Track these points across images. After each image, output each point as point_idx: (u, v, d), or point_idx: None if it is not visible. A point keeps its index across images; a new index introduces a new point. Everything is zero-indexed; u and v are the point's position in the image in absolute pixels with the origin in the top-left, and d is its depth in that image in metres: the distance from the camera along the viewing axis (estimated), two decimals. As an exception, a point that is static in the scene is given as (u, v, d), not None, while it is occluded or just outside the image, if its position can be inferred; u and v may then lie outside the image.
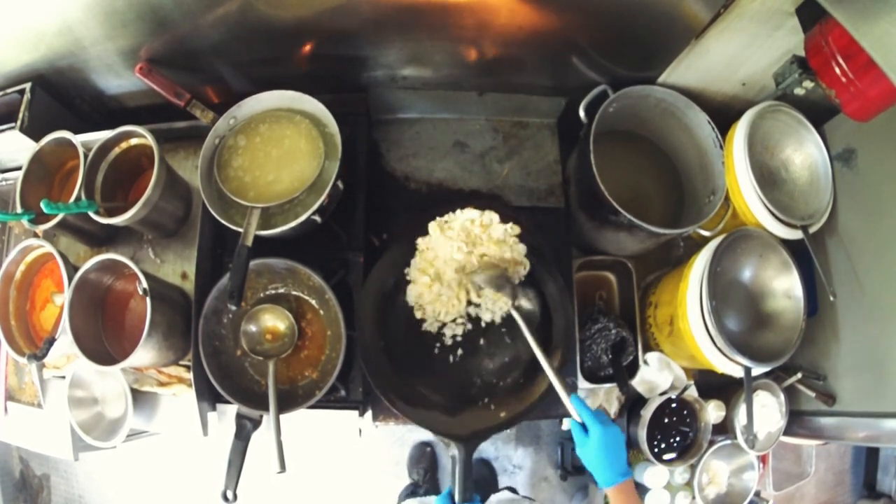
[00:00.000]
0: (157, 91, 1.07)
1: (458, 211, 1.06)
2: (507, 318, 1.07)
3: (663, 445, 1.26)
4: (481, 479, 2.00)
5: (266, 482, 1.97)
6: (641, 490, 1.30)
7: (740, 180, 1.13)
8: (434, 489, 1.96)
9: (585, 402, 0.90)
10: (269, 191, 1.02)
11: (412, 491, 1.92)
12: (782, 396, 1.24)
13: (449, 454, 0.94)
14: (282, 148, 1.05)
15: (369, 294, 1.05)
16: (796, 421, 1.27)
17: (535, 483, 2.08)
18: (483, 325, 1.08)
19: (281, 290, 1.11)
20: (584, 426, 0.88)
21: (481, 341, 1.08)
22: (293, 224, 0.98)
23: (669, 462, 1.25)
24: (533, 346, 0.92)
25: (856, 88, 0.87)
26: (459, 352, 1.08)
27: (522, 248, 1.07)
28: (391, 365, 1.05)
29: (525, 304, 1.09)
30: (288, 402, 1.02)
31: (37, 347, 1.05)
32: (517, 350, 1.08)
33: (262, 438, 1.02)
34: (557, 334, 1.07)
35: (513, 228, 1.06)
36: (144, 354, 0.99)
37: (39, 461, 2.16)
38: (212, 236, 1.14)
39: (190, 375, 1.08)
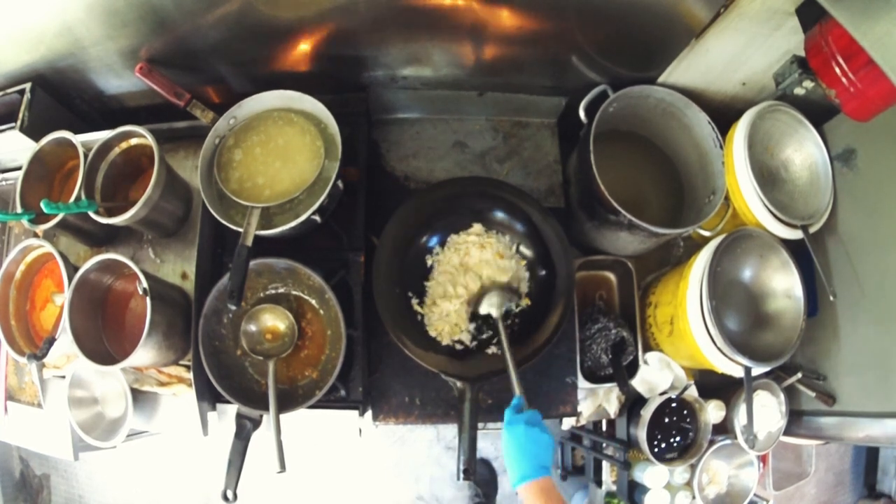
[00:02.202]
0: (157, 91, 1.07)
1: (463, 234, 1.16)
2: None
3: (663, 445, 1.26)
4: (482, 479, 2.00)
5: (266, 482, 1.97)
6: (641, 490, 1.30)
7: (740, 180, 1.13)
8: None
9: (524, 403, 0.93)
10: (269, 191, 1.02)
11: None
12: (782, 396, 1.24)
13: (456, 393, 1.02)
14: (282, 148, 1.05)
15: (387, 242, 1.11)
16: (796, 421, 1.27)
17: (535, 483, 2.07)
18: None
19: (281, 290, 1.11)
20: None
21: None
22: (293, 224, 0.98)
23: (669, 462, 1.25)
24: (506, 355, 0.99)
25: (856, 88, 0.87)
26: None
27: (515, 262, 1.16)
28: (404, 311, 1.11)
29: (527, 251, 1.17)
30: (288, 401, 1.02)
31: (37, 347, 1.05)
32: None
33: (262, 438, 1.02)
34: (560, 283, 1.12)
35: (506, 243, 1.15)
36: (144, 354, 0.99)
37: (39, 461, 2.16)
38: (212, 236, 1.14)
39: (190, 375, 1.08)
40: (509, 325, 1.13)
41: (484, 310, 1.08)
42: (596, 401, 1.25)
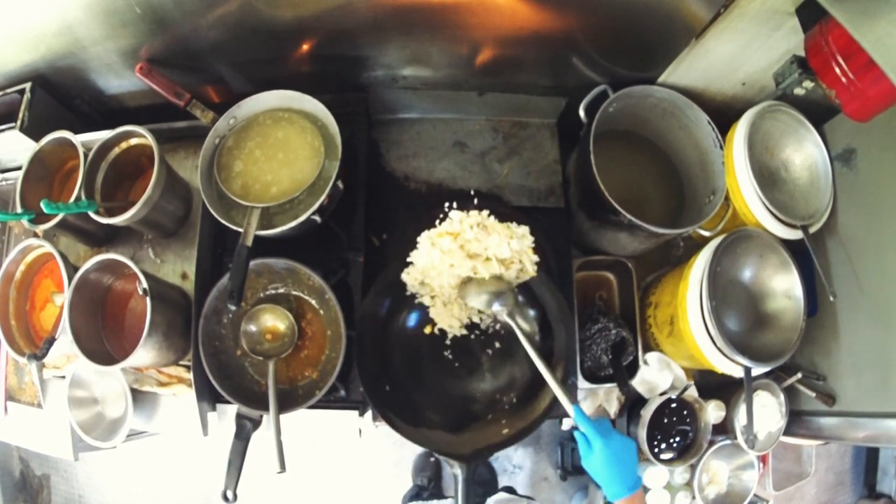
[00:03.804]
0: (157, 91, 1.07)
1: (447, 219, 1.00)
2: (508, 334, 1.06)
3: (663, 445, 1.26)
4: (481, 480, 2.00)
5: (266, 482, 1.97)
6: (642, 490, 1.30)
7: (740, 180, 1.13)
8: (438, 495, 1.96)
9: (586, 414, 0.87)
10: (269, 191, 1.02)
11: (416, 494, 1.92)
12: (782, 396, 1.24)
13: (451, 473, 0.94)
14: (282, 148, 1.05)
15: (367, 314, 1.04)
16: (796, 421, 1.27)
17: (535, 483, 2.08)
18: (483, 339, 1.08)
19: (281, 290, 1.11)
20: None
21: (483, 358, 1.08)
22: (293, 224, 0.98)
23: (669, 462, 1.25)
24: (532, 355, 0.90)
25: (856, 88, 0.86)
26: (461, 371, 1.08)
27: (528, 240, 1.00)
28: (391, 384, 1.04)
29: (523, 323, 1.05)
30: (288, 402, 1.02)
31: (37, 347, 1.06)
32: (520, 365, 1.07)
33: (262, 438, 1.02)
34: (559, 347, 1.05)
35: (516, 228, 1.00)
36: (144, 354, 0.99)
37: (39, 461, 2.16)
38: (212, 236, 1.14)
39: (190, 375, 1.08)
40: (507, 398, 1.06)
41: (472, 303, 0.97)
42: (596, 401, 1.25)
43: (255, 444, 1.02)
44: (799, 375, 1.23)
